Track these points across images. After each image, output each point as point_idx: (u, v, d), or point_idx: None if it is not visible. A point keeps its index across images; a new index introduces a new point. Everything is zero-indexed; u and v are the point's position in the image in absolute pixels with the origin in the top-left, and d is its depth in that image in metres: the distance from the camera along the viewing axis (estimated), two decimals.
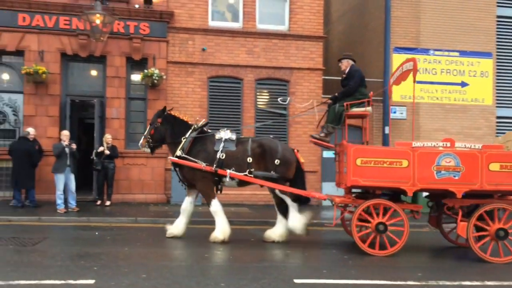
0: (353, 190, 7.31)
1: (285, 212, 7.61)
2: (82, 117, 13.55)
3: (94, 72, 12.16)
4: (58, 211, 9.79)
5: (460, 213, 6.90)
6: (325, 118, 7.85)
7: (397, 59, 10.54)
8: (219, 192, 7.74)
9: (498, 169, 6.70)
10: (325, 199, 7.75)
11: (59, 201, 9.91)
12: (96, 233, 8.04)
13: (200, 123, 7.92)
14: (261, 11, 12.65)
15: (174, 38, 12.14)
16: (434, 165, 6.72)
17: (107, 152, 10.67)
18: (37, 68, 10.91)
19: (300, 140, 12.56)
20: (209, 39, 12.30)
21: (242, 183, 7.67)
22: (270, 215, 9.43)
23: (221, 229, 7.39)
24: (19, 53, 11.44)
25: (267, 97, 12.89)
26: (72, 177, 10.05)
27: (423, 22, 13.50)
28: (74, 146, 10.03)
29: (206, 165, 7.35)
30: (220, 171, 7.36)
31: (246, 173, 7.40)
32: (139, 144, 8.06)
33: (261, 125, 11.92)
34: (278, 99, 11.19)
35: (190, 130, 7.72)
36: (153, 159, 11.67)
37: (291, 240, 7.62)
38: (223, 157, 7.42)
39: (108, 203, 11.04)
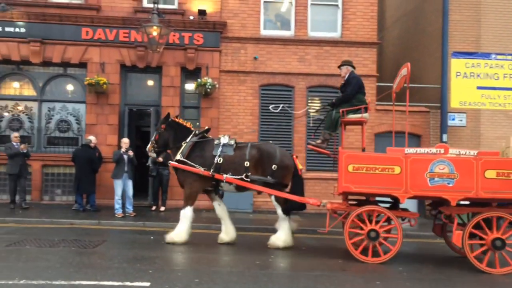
0: (352, 196, 7.27)
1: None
2: (139, 125, 14.08)
3: (150, 82, 12.63)
4: (116, 215, 10.21)
5: (456, 222, 6.76)
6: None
7: (455, 64, 10.07)
8: (221, 198, 7.98)
9: (494, 177, 6.48)
10: (319, 205, 7.50)
11: (117, 206, 10.34)
12: (152, 237, 8.28)
13: (203, 130, 8.21)
14: (313, 19, 12.61)
15: (226, 48, 12.36)
16: (427, 172, 6.59)
17: (160, 159, 11.01)
18: (98, 79, 11.49)
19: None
20: (261, 48, 12.42)
21: (240, 188, 7.69)
22: (321, 223, 9.29)
23: (178, 233, 7.59)
24: (82, 65, 12.11)
25: (319, 104, 12.78)
26: (129, 183, 10.46)
27: (484, 25, 12.86)
28: (131, 153, 10.44)
29: (204, 169, 7.50)
30: (217, 176, 7.48)
31: (243, 177, 7.46)
32: (147, 148, 8.39)
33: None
34: (270, 107, 11.06)
35: (191, 135, 7.94)
36: None
37: (342, 249, 7.45)
38: (221, 161, 7.55)
39: (162, 208, 11.36)
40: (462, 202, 6.80)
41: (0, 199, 11.81)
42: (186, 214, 7.64)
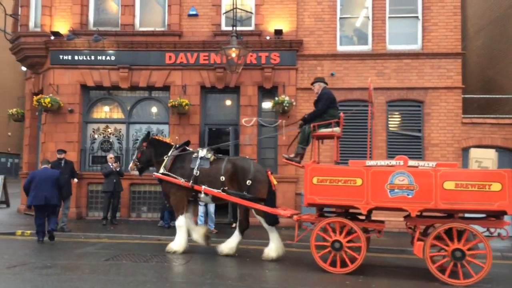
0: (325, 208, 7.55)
1: (242, 229, 8.19)
2: (216, 144, 14.42)
3: (228, 102, 12.99)
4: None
5: (418, 233, 6.82)
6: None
7: None
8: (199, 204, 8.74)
9: (453, 188, 6.51)
10: (288, 216, 7.68)
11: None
12: (236, 254, 8.37)
13: (182, 143, 8.83)
14: (391, 32, 12.32)
15: (303, 65, 12.42)
16: (387, 184, 6.72)
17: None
18: (181, 101, 12.01)
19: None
20: (337, 64, 12.33)
21: (216, 199, 8.27)
22: (406, 243, 8.90)
23: (178, 243, 8.08)
24: (166, 88, 12.75)
25: (399, 119, 12.37)
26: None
27: None
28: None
29: (185, 181, 8.03)
30: (196, 187, 8.02)
31: (220, 191, 7.92)
32: (129, 168, 9.04)
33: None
34: (243, 120, 11.70)
35: (172, 149, 8.54)
36: (284, 184, 11.88)
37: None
38: (198, 174, 8.07)
39: (234, 225, 11.48)
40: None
41: (92, 215, 12.63)
42: (180, 223, 8.14)
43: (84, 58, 12.71)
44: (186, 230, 8.16)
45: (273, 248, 7.82)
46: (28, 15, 13.01)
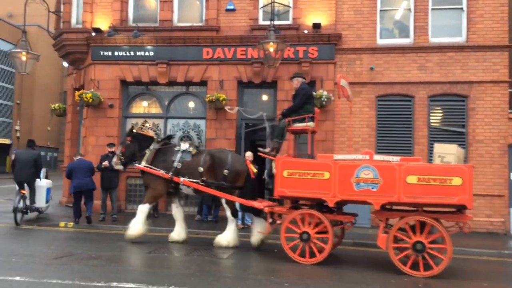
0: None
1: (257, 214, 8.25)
2: (254, 139, 14.40)
3: (265, 97, 12.93)
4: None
5: (382, 225, 6.96)
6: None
7: None
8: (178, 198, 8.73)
9: (415, 182, 6.63)
10: (261, 208, 7.88)
11: (247, 222, 10.62)
12: (275, 250, 8.31)
13: (164, 137, 9.16)
14: (434, 24, 11.92)
15: (341, 59, 12.20)
16: (353, 177, 6.88)
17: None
18: (218, 96, 12.04)
19: (482, 160, 11.32)
20: (377, 58, 12.04)
21: (197, 191, 8.51)
22: (465, 243, 8.72)
23: (134, 228, 8.29)
24: (203, 83, 12.81)
25: (441, 114, 11.98)
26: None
27: None
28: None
29: (166, 172, 8.29)
30: (175, 179, 8.27)
31: (199, 181, 8.19)
32: (113, 162, 9.30)
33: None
34: (226, 107, 11.67)
35: (153, 143, 8.79)
36: None
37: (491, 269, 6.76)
38: (180, 166, 8.33)
39: (279, 221, 11.40)
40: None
41: (131, 208, 12.86)
42: (143, 209, 8.41)
43: (124, 54, 12.92)
44: (145, 217, 8.42)
45: (225, 237, 8.20)
46: (70, 12, 13.32)
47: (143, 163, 8.58)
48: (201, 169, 8.24)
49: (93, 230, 9.98)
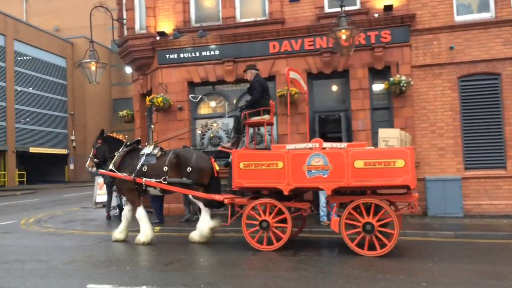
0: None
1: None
2: (325, 132, 14.03)
3: (336, 87, 12.50)
4: (321, 223, 10.15)
5: (334, 209, 7.33)
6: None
7: None
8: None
9: (362, 166, 6.96)
10: (222, 200, 8.11)
11: (322, 213, 10.27)
12: (395, 251, 7.89)
13: (133, 141, 9.37)
14: None
15: (416, 41, 11.59)
16: (305, 165, 7.20)
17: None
18: (290, 90, 11.70)
19: None
20: (456, 36, 11.34)
21: (164, 191, 8.77)
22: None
23: (145, 233, 8.46)
24: (271, 78, 12.52)
25: None
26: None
27: None
28: None
29: (130, 175, 8.56)
30: (137, 180, 8.50)
31: (161, 180, 8.34)
32: (86, 165, 9.62)
33: None
34: (190, 96, 12.13)
35: (122, 147, 9.11)
36: None
37: None
38: (145, 169, 8.57)
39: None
40: None
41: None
42: (140, 215, 8.58)
43: (189, 55, 12.84)
44: (147, 219, 8.64)
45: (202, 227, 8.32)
46: (133, 18, 13.39)
47: (110, 166, 8.94)
48: (165, 168, 8.45)
49: (180, 233, 9.91)
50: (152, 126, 14.03)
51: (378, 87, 12.03)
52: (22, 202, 20.04)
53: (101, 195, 16.51)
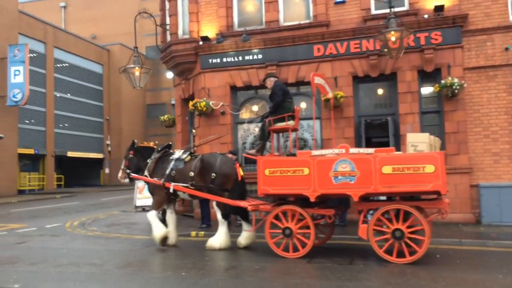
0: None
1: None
2: (370, 137, 13.70)
3: (383, 90, 12.16)
4: None
5: (362, 216, 7.13)
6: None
7: None
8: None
9: (391, 172, 6.82)
10: (245, 207, 8.01)
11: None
12: (437, 255, 7.55)
13: (163, 146, 9.40)
14: None
15: (469, 42, 11.16)
16: (331, 171, 7.09)
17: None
18: (335, 94, 11.47)
19: None
20: (511, 37, 10.85)
21: (192, 195, 8.80)
22: None
23: (157, 236, 8.56)
24: None
25: None
26: None
27: None
28: None
29: (160, 180, 8.72)
30: (166, 184, 8.63)
31: (188, 185, 8.47)
32: (118, 177, 9.73)
33: None
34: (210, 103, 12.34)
35: (154, 153, 9.25)
36: (455, 175, 10.76)
37: None
38: (173, 174, 8.70)
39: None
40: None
41: None
42: (151, 216, 8.70)
43: (232, 60, 12.79)
44: (158, 221, 8.70)
45: (217, 239, 8.30)
46: (177, 24, 13.44)
47: (145, 173, 9.13)
48: (192, 173, 8.55)
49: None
50: (194, 131, 14.04)
51: (427, 90, 11.65)
52: (63, 205, 20.46)
53: (141, 199, 16.68)
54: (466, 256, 7.56)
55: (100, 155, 40.23)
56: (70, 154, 36.32)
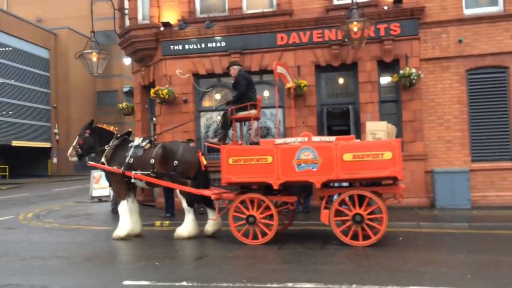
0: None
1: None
2: (331, 125, 14.00)
3: (345, 80, 12.44)
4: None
5: (324, 202, 7.37)
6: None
7: None
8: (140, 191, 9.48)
9: (351, 159, 7.07)
10: (210, 195, 8.02)
11: None
12: (400, 238, 7.92)
13: (123, 133, 9.16)
14: None
15: (425, 34, 11.61)
16: (295, 159, 7.24)
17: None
18: (299, 82, 11.61)
19: None
20: (464, 29, 11.41)
21: (150, 184, 8.65)
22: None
23: (122, 227, 8.40)
24: None
25: None
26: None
27: None
28: None
29: (119, 168, 8.45)
30: (126, 173, 8.40)
31: (149, 172, 8.28)
32: (68, 153, 9.21)
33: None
34: (176, 71, 12.04)
35: (113, 139, 8.89)
36: (411, 162, 11.25)
37: None
38: (132, 161, 8.47)
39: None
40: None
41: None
42: (122, 208, 8.50)
43: (195, 47, 12.58)
44: (128, 214, 8.51)
45: (185, 228, 8.27)
46: (136, 8, 12.99)
47: (103, 159, 8.78)
48: (152, 161, 8.36)
49: None
50: (154, 119, 13.74)
51: (386, 80, 12.05)
52: (11, 197, 19.45)
53: (97, 189, 16.19)
54: (426, 238, 7.98)
55: (47, 144, 38.45)
56: (15, 143, 34.46)
